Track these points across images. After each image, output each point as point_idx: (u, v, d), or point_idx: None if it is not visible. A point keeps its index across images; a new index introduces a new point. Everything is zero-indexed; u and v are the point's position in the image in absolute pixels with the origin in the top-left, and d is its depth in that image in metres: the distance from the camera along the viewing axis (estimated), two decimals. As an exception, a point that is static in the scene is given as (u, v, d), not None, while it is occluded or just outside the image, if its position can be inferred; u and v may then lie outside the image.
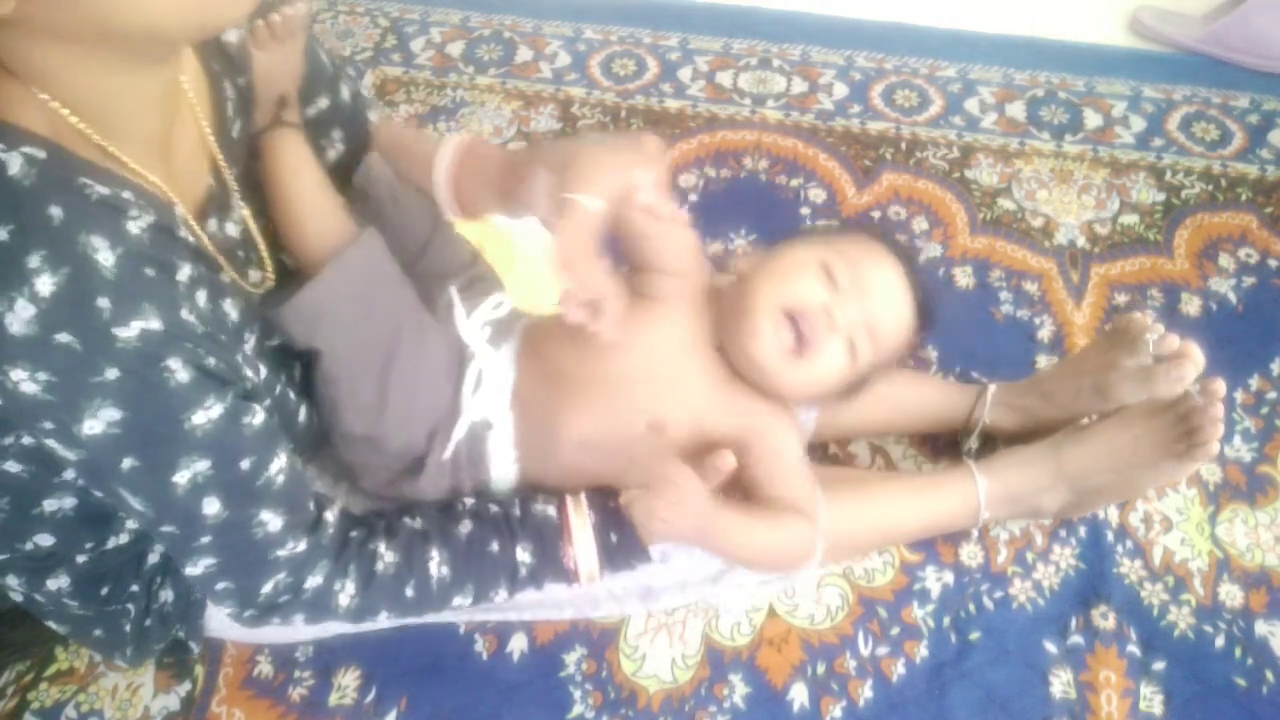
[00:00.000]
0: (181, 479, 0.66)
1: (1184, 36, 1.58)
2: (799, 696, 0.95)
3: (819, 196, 1.38)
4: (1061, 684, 0.95)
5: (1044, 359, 1.19)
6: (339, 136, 0.97)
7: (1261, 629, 0.98)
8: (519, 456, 0.87)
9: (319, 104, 0.94)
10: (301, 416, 0.85)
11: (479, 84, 1.57)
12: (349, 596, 0.79)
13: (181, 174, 0.73)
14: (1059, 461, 0.97)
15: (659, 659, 0.97)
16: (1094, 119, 1.48)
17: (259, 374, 0.76)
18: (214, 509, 0.69)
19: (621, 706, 0.95)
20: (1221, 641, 0.97)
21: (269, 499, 0.72)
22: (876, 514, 0.98)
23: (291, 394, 0.83)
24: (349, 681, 0.97)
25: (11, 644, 0.96)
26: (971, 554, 1.03)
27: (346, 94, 0.97)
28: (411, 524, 0.83)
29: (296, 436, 0.83)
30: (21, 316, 0.56)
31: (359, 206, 0.93)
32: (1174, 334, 0.96)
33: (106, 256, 0.59)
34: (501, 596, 0.84)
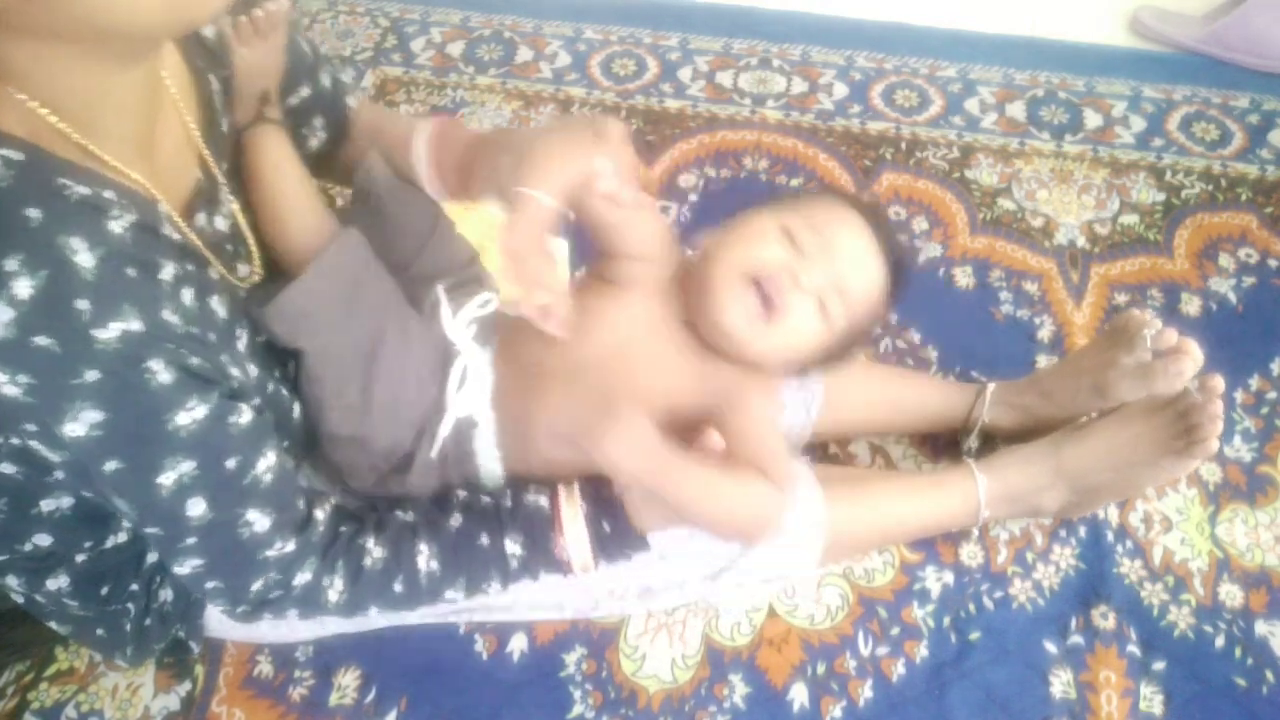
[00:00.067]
0: (166, 480, 0.66)
1: (1184, 36, 1.58)
2: (799, 696, 0.95)
3: (819, 196, 1.38)
4: (1061, 684, 0.95)
5: (1044, 359, 1.19)
6: (320, 124, 0.96)
7: (1261, 629, 0.98)
8: (503, 456, 0.87)
9: (301, 93, 0.93)
10: (296, 413, 0.84)
11: (479, 84, 1.57)
12: (338, 592, 0.78)
13: (167, 170, 0.72)
14: (1059, 460, 0.97)
15: (659, 659, 0.97)
16: (1094, 119, 1.48)
17: (249, 371, 0.75)
18: (200, 510, 0.69)
19: (621, 706, 0.95)
20: (1221, 641, 0.97)
21: (256, 498, 0.72)
22: (876, 513, 0.98)
23: (285, 390, 0.82)
24: (349, 681, 0.97)
25: (11, 644, 0.96)
26: (971, 554, 1.03)
27: (327, 81, 0.97)
28: (402, 517, 0.83)
29: (291, 433, 0.83)
30: (0, 320, 0.56)
31: (359, 206, 0.93)
32: (1171, 328, 0.96)
33: (86, 258, 0.58)
34: (495, 589, 0.83)
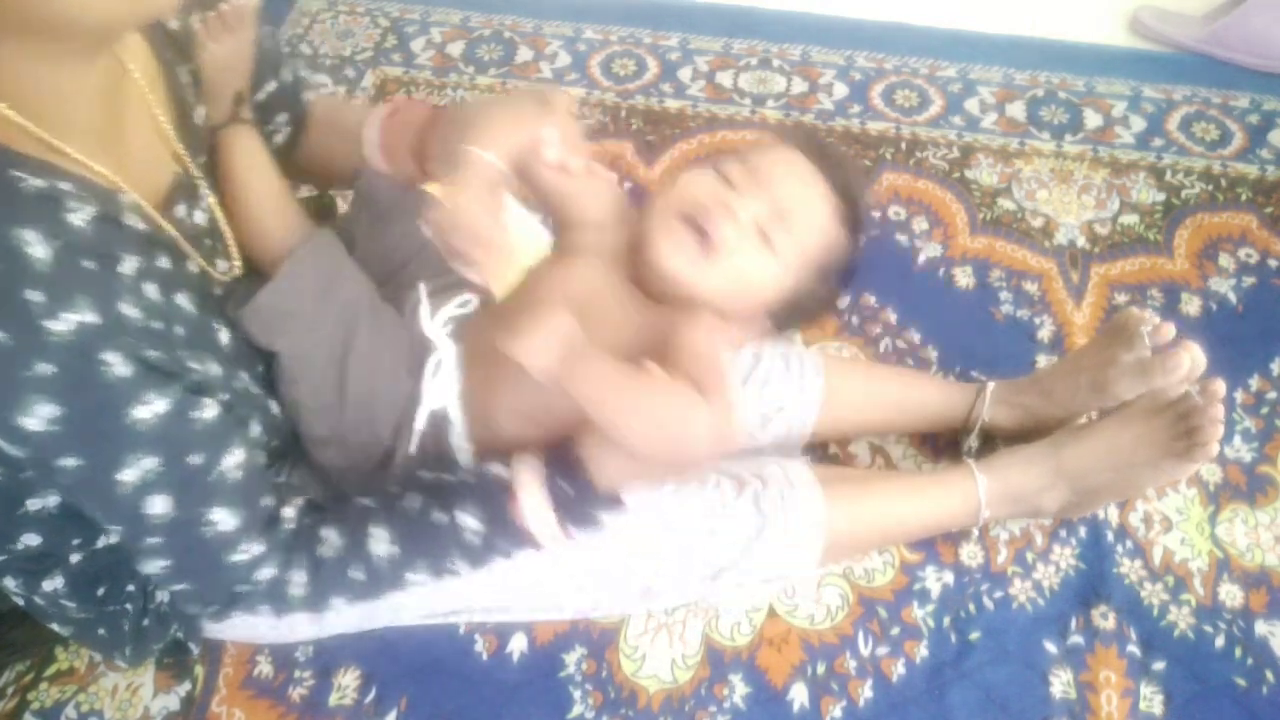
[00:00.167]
0: (127, 477, 0.65)
1: (1184, 36, 1.58)
2: (799, 696, 0.95)
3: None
4: (1061, 684, 0.95)
5: (1044, 359, 1.19)
6: (284, 120, 0.96)
7: (1261, 629, 0.98)
8: (475, 447, 0.86)
9: (267, 88, 0.93)
10: (274, 410, 0.83)
11: (479, 84, 1.57)
12: (301, 586, 0.77)
13: (141, 163, 0.72)
14: (1059, 460, 0.97)
15: (659, 659, 0.97)
16: (1094, 119, 1.48)
17: (221, 367, 0.74)
18: (162, 508, 0.68)
19: (621, 706, 0.95)
20: (1221, 641, 0.97)
21: (222, 495, 0.70)
22: (877, 513, 0.98)
23: (260, 388, 0.81)
24: (349, 681, 0.97)
25: (11, 644, 0.96)
26: (971, 554, 1.03)
27: (289, 76, 0.96)
28: (360, 503, 0.81)
29: (273, 430, 0.82)
30: None
31: (360, 211, 0.93)
32: (1168, 323, 0.96)
33: (39, 249, 0.58)
34: (464, 569, 0.80)
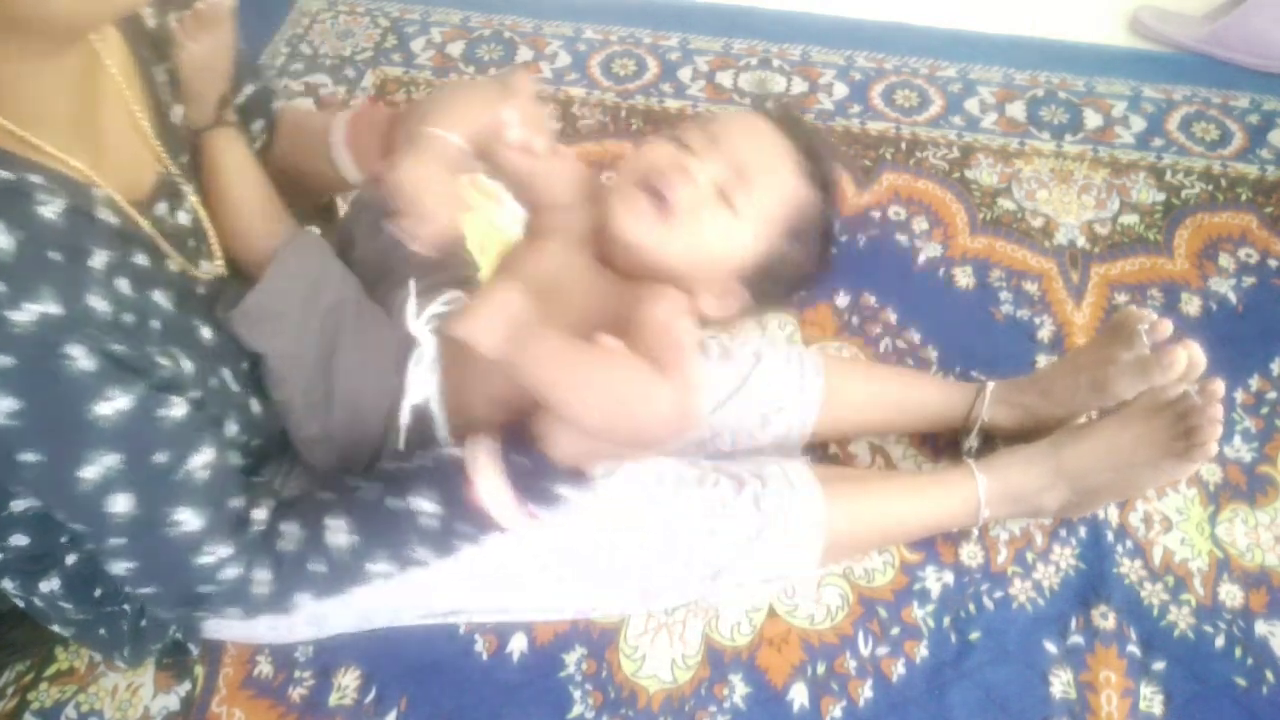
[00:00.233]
0: (89, 474, 0.64)
1: (1184, 36, 1.58)
2: (799, 696, 0.95)
3: (819, 196, 1.38)
4: (1061, 684, 0.95)
5: (1044, 359, 1.19)
6: (260, 126, 0.95)
7: (1261, 629, 0.98)
8: (454, 441, 0.84)
9: (245, 91, 0.93)
10: (255, 409, 0.82)
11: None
12: (265, 584, 0.75)
13: (121, 159, 0.72)
14: (1058, 460, 0.97)
15: (659, 659, 0.97)
16: (1094, 119, 1.48)
17: (205, 364, 0.74)
18: (126, 507, 0.67)
19: (621, 706, 0.95)
20: (1221, 641, 0.97)
21: (187, 496, 0.69)
22: (877, 513, 0.98)
23: (240, 386, 0.80)
24: (349, 681, 0.97)
25: (11, 644, 0.96)
26: (971, 554, 1.03)
27: (261, 83, 0.96)
28: (319, 496, 0.80)
29: (254, 430, 0.81)
30: None
31: (360, 214, 0.93)
32: (1165, 320, 0.96)
33: (4, 240, 0.58)
34: (428, 557, 0.79)
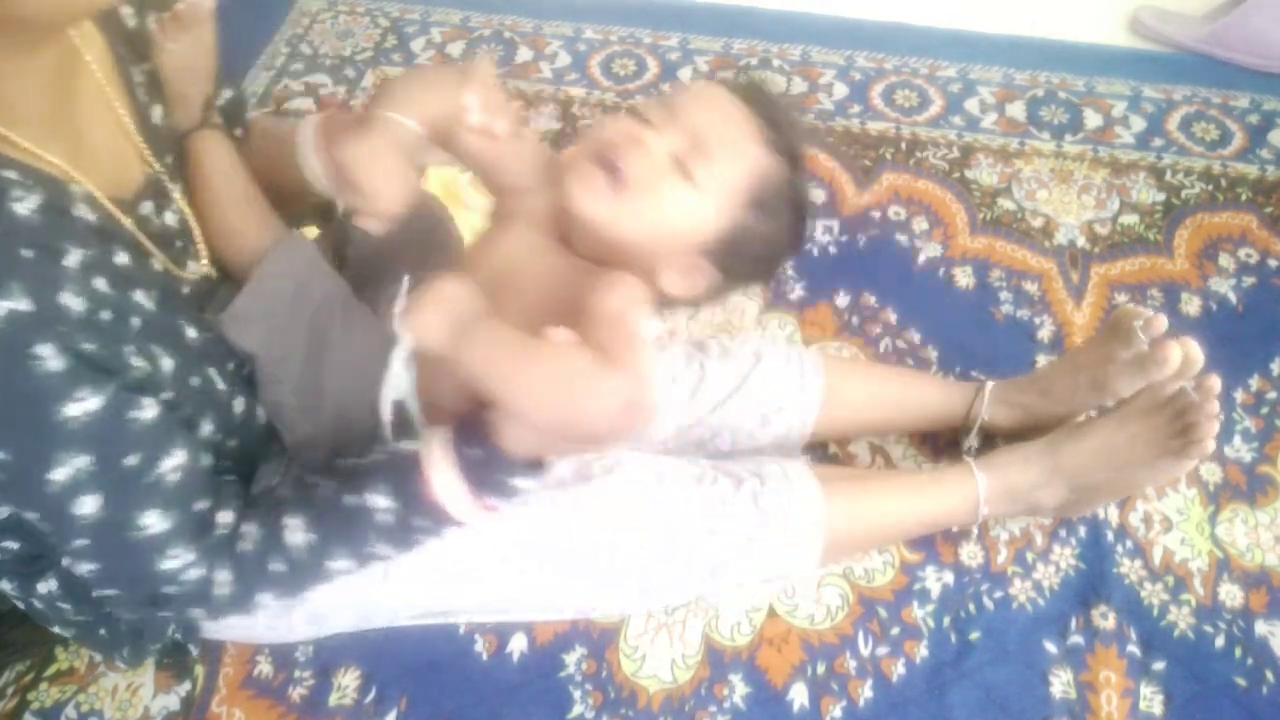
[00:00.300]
0: (58, 475, 0.64)
1: (1184, 36, 1.58)
2: (799, 696, 0.95)
3: (819, 196, 1.38)
4: (1061, 684, 0.95)
5: (1044, 359, 1.19)
6: (239, 132, 0.95)
7: (1261, 629, 0.98)
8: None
9: (224, 95, 0.92)
10: (238, 408, 0.82)
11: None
12: (227, 585, 0.75)
13: (105, 157, 0.72)
14: (1057, 459, 0.98)
15: (659, 659, 0.97)
16: (1094, 119, 1.48)
17: (187, 364, 0.73)
18: (93, 508, 0.66)
19: (621, 706, 0.95)
20: (1221, 641, 0.97)
21: (157, 499, 0.69)
22: (876, 511, 0.98)
23: (226, 385, 0.80)
24: (349, 681, 0.97)
25: (11, 644, 0.96)
26: (971, 554, 1.03)
27: (236, 89, 0.96)
28: (277, 494, 0.79)
29: (230, 428, 0.80)
30: None
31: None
32: (1160, 315, 0.96)
33: None
34: (388, 552, 0.78)
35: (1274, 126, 1.46)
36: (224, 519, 0.75)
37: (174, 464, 0.70)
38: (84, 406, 0.63)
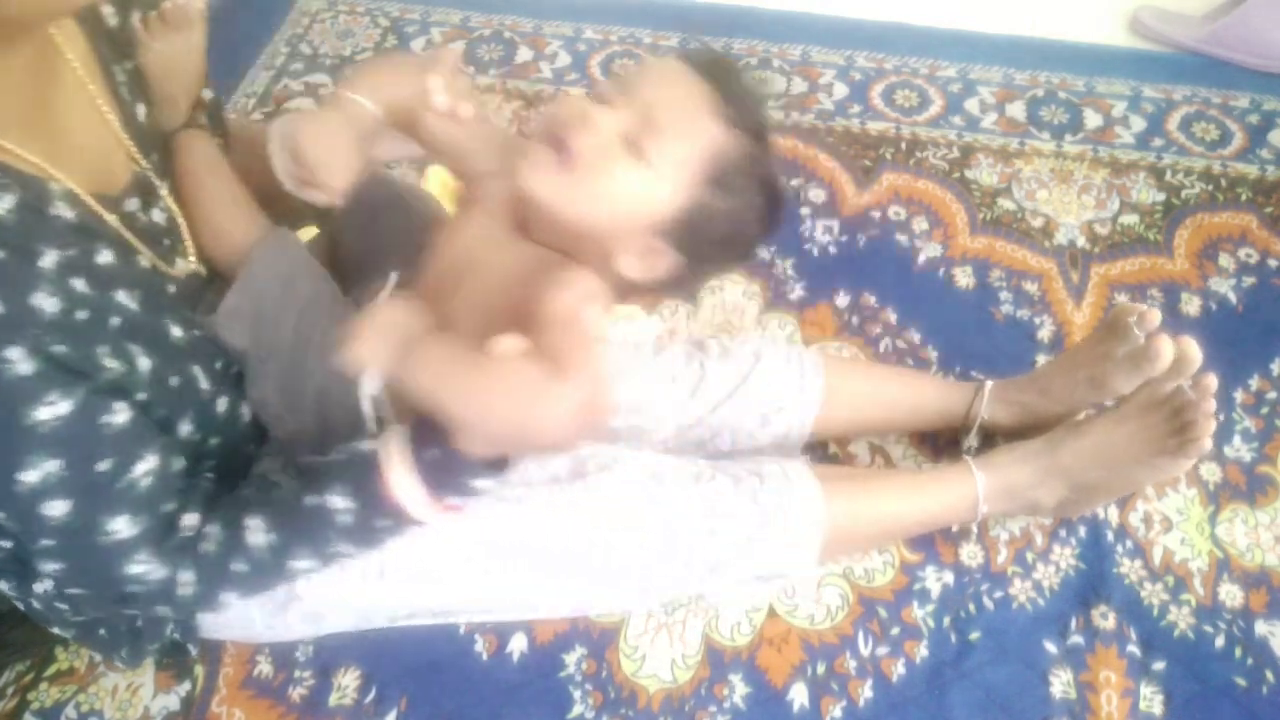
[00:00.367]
0: (29, 478, 0.63)
1: (1184, 36, 1.58)
2: (799, 696, 0.95)
3: (819, 196, 1.38)
4: (1061, 684, 0.95)
5: (1044, 359, 1.19)
6: (220, 132, 0.95)
7: (1261, 629, 0.98)
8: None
9: (205, 94, 0.92)
10: (220, 407, 0.82)
11: (479, 84, 1.57)
12: (190, 585, 0.75)
13: (89, 155, 0.72)
14: (1055, 457, 0.98)
15: (659, 659, 0.97)
16: (1094, 119, 1.48)
17: (168, 363, 0.73)
18: (62, 511, 0.66)
19: (621, 706, 0.95)
20: (1221, 641, 0.97)
21: (126, 504, 0.69)
22: (875, 509, 0.98)
23: (209, 385, 0.80)
24: (349, 681, 0.97)
25: (11, 644, 0.96)
26: (971, 554, 1.03)
27: (215, 92, 0.96)
28: (240, 493, 0.79)
29: (211, 426, 0.80)
30: None
31: (354, 208, 0.93)
32: (1154, 310, 0.97)
33: None
34: (351, 550, 0.78)
35: (1274, 126, 1.46)
36: (188, 522, 0.74)
37: (146, 469, 0.69)
38: (54, 410, 0.63)
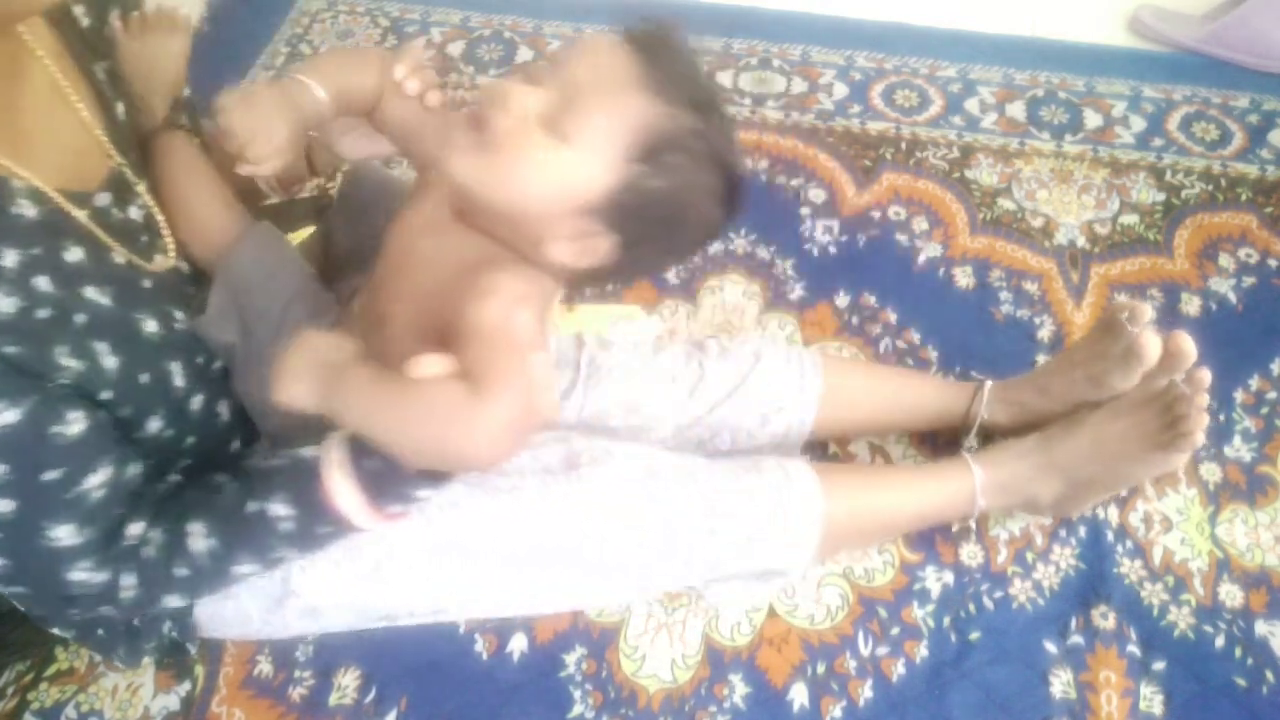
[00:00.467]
0: None
1: (1184, 36, 1.58)
2: (799, 696, 0.95)
3: (819, 196, 1.38)
4: (1061, 684, 0.95)
5: (1044, 359, 1.19)
6: (199, 131, 0.95)
7: (1261, 629, 0.98)
8: None
9: (184, 93, 0.92)
10: (195, 405, 0.82)
11: (479, 84, 1.57)
12: (131, 589, 0.75)
13: (57, 153, 0.72)
14: (1050, 452, 0.98)
15: (659, 659, 0.97)
16: (1094, 119, 1.48)
17: (138, 360, 0.73)
18: (6, 509, 0.66)
19: (621, 706, 0.95)
20: (1221, 641, 0.97)
21: (75, 514, 0.68)
22: (874, 505, 0.98)
23: (185, 383, 0.79)
24: (349, 681, 0.97)
25: (11, 644, 0.96)
26: (971, 554, 1.03)
27: (191, 96, 0.96)
28: (184, 496, 0.78)
29: (186, 424, 0.80)
30: None
31: (344, 204, 0.93)
32: (1144, 304, 0.97)
33: None
34: (293, 555, 0.78)
35: (1274, 126, 1.46)
36: (133, 530, 0.74)
37: (99, 481, 0.69)
38: (2, 418, 0.62)
